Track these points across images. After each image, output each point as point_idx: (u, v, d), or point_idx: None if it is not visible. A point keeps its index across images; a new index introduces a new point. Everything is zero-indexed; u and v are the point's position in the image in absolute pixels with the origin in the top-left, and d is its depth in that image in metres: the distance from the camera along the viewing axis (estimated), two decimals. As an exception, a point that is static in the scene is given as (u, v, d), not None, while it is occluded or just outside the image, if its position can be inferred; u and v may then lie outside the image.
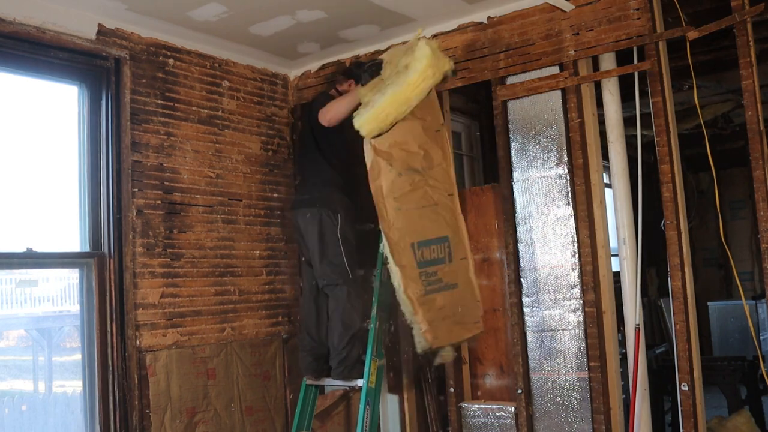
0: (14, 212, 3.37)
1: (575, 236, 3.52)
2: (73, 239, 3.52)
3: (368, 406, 3.59)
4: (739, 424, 4.26)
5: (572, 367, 3.51)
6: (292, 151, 4.52)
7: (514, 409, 3.66)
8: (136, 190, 3.61)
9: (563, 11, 3.54)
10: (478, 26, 3.84)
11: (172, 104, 3.84)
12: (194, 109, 3.96)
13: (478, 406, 3.82)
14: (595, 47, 3.47)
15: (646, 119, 3.47)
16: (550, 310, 3.58)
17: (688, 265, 3.28)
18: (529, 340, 3.65)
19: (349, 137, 3.68)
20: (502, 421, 3.71)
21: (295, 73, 4.60)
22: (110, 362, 3.45)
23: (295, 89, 4.60)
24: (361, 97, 3.52)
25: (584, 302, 3.48)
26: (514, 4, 3.69)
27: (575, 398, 3.49)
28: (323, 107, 3.74)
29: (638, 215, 3.44)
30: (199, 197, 3.93)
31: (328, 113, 3.70)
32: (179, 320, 3.74)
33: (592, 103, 3.58)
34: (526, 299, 3.66)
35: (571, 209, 3.54)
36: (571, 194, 3.55)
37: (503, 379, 3.87)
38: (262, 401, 4.06)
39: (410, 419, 4.19)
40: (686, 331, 3.22)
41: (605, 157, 3.60)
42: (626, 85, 3.54)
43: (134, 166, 3.62)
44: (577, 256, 3.51)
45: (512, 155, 3.74)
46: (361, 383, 3.62)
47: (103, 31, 3.54)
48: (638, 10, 3.33)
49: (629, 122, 3.65)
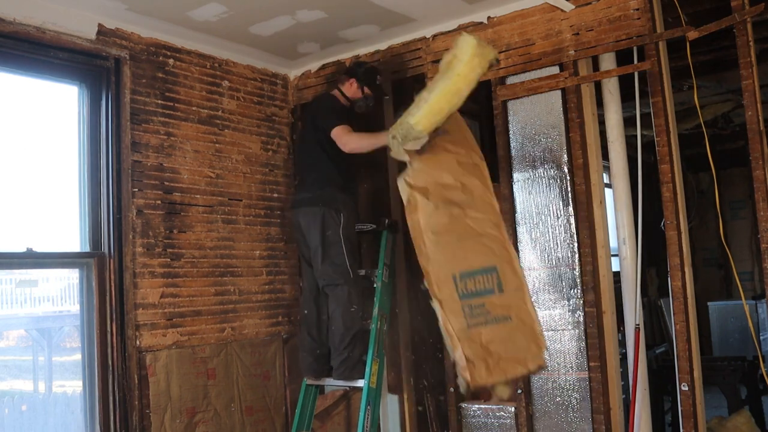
0: (14, 212, 3.38)
1: (575, 236, 3.51)
2: (73, 239, 3.52)
3: (369, 406, 3.59)
4: (739, 424, 4.25)
5: (572, 367, 3.51)
6: (292, 151, 4.52)
7: (514, 409, 3.65)
8: (136, 190, 3.61)
9: (563, 11, 3.54)
10: (478, 26, 3.83)
11: (172, 104, 3.84)
12: (194, 109, 3.96)
13: (477, 406, 3.82)
14: (595, 47, 3.47)
15: (646, 119, 3.47)
16: (550, 310, 3.58)
17: (688, 265, 3.28)
18: (529, 340, 3.65)
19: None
20: (502, 421, 3.71)
21: (295, 73, 4.60)
22: (110, 362, 3.45)
23: (295, 89, 4.60)
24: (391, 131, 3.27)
25: (584, 302, 3.48)
26: (514, 4, 3.69)
27: (575, 398, 3.49)
28: (339, 126, 3.60)
29: (638, 215, 3.44)
30: (199, 197, 3.93)
31: (349, 143, 3.56)
32: (179, 320, 3.74)
33: (592, 103, 3.58)
34: (526, 299, 3.66)
35: (571, 209, 3.54)
36: (571, 194, 3.55)
37: (503, 379, 3.87)
38: (262, 401, 4.06)
39: (410, 419, 4.19)
40: (686, 331, 3.22)
41: (605, 157, 3.60)
42: (626, 85, 3.54)
43: (134, 166, 3.62)
44: (577, 256, 3.51)
45: (512, 155, 3.73)
46: (362, 383, 3.63)
47: (103, 31, 3.54)
48: (638, 10, 3.33)
49: (629, 122, 3.65)
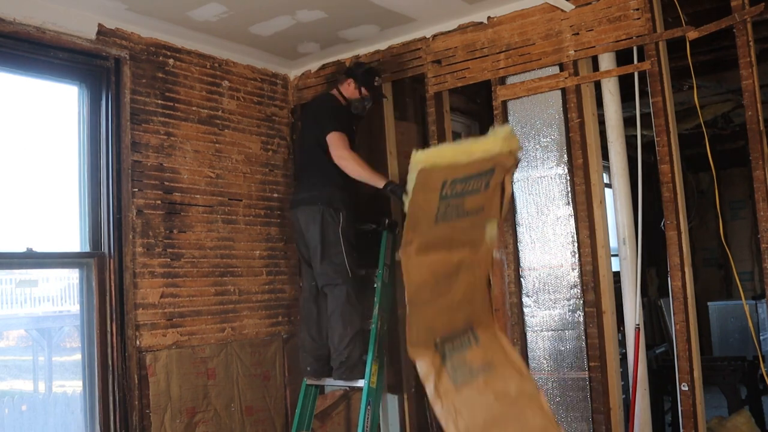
0: (14, 212, 3.37)
1: (575, 236, 3.52)
2: (73, 239, 3.52)
3: (369, 406, 3.59)
4: (739, 424, 4.25)
5: (572, 367, 3.51)
6: (291, 151, 4.52)
7: (514, 409, 3.66)
8: (136, 190, 3.61)
9: (563, 11, 3.54)
10: (478, 26, 3.83)
11: (172, 104, 3.84)
12: (194, 109, 3.96)
13: (478, 406, 3.82)
14: (595, 47, 3.47)
15: (646, 119, 3.47)
16: (550, 310, 3.58)
17: (688, 265, 3.28)
18: (529, 340, 3.65)
19: (351, 136, 3.68)
20: (502, 421, 3.71)
21: (295, 73, 4.60)
22: (110, 362, 3.45)
23: (295, 89, 4.59)
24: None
25: (584, 302, 3.48)
26: (514, 4, 3.69)
27: (575, 398, 3.49)
28: (336, 133, 3.61)
29: (638, 215, 3.44)
30: (199, 197, 3.93)
31: (343, 160, 3.58)
32: (179, 320, 3.74)
33: (592, 103, 3.58)
34: (526, 299, 3.66)
35: (571, 209, 3.54)
36: (571, 194, 3.55)
37: (503, 379, 3.87)
38: (262, 401, 4.06)
39: (410, 419, 4.19)
40: (686, 331, 3.22)
41: (605, 157, 3.60)
42: (626, 85, 3.53)
43: (134, 166, 3.62)
44: (577, 256, 3.51)
45: (512, 155, 3.73)
46: (362, 383, 3.62)
47: (103, 31, 3.54)
48: (638, 10, 3.33)
49: (629, 122, 3.65)
